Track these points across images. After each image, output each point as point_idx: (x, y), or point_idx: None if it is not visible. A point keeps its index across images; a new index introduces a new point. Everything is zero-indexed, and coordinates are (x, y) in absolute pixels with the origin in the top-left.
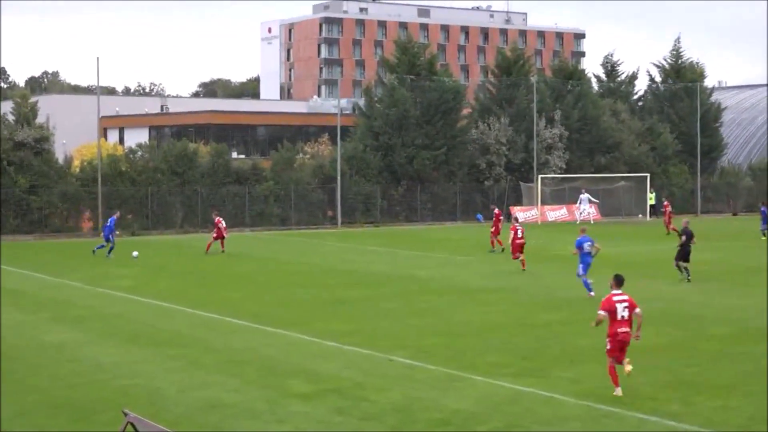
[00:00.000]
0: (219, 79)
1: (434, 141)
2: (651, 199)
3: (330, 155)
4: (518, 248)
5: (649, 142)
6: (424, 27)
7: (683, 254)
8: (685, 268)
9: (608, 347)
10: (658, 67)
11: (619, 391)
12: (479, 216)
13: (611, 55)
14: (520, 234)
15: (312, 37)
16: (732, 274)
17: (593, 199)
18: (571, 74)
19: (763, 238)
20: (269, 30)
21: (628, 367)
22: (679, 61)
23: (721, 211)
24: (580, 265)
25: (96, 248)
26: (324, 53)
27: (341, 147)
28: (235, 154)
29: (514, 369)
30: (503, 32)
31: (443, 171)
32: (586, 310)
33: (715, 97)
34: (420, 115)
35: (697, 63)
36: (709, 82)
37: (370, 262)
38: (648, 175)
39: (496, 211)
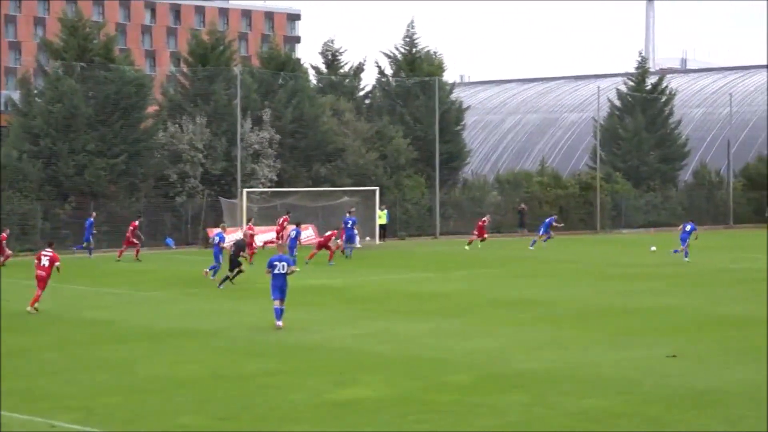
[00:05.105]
0: None
1: (111, 146)
2: (381, 217)
3: None
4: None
5: (379, 149)
6: (99, 1)
7: (232, 263)
8: (232, 279)
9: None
10: (388, 57)
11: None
12: (169, 241)
13: (332, 42)
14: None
15: None
16: (475, 309)
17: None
18: (283, 64)
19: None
20: None
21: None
22: (414, 50)
23: (464, 232)
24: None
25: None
26: None
27: None
28: None
29: None
30: (199, 10)
31: (123, 184)
32: (298, 357)
33: (456, 94)
34: (93, 114)
35: (435, 53)
36: (449, 77)
37: (25, 301)
38: (377, 188)
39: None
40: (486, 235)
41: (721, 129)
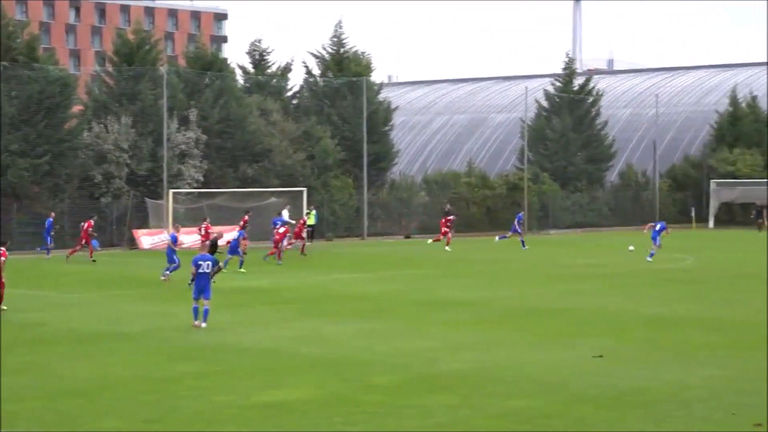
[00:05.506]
0: None
1: (35, 146)
2: (310, 218)
3: None
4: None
5: (306, 149)
6: (22, 0)
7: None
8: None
9: None
10: (316, 57)
11: None
12: (94, 242)
13: (259, 42)
14: None
15: None
16: (403, 310)
17: None
18: (210, 64)
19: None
20: None
21: None
22: (342, 50)
23: (391, 233)
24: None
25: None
26: None
27: None
28: None
29: None
30: (124, 9)
31: (47, 185)
32: (225, 359)
33: (384, 94)
34: (16, 114)
35: (363, 53)
36: (377, 77)
37: None
38: (305, 189)
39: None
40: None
41: (647, 130)
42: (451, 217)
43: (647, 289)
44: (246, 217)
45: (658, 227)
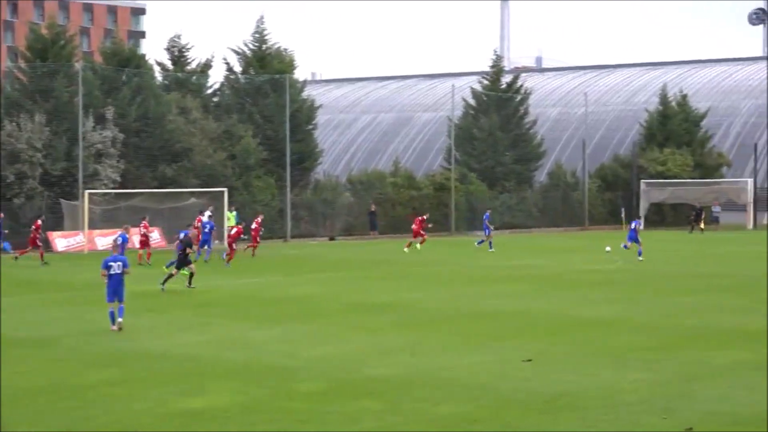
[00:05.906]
0: None
1: None
2: (231, 219)
3: None
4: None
5: (227, 149)
6: None
7: (181, 262)
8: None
9: None
10: (237, 54)
11: None
12: (6, 245)
13: (178, 38)
14: None
15: None
16: (326, 313)
17: None
18: (127, 60)
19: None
20: None
21: None
22: (264, 47)
23: (315, 234)
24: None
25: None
26: None
27: None
28: None
29: None
30: (38, 4)
31: None
32: (142, 365)
33: (307, 92)
34: None
35: (286, 50)
36: (300, 74)
37: None
38: (226, 189)
39: None
40: (425, 236)
41: (577, 129)
42: (424, 216)
43: (575, 291)
44: (200, 217)
45: (633, 226)
